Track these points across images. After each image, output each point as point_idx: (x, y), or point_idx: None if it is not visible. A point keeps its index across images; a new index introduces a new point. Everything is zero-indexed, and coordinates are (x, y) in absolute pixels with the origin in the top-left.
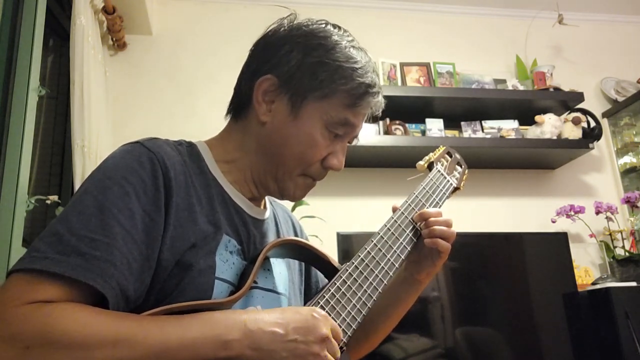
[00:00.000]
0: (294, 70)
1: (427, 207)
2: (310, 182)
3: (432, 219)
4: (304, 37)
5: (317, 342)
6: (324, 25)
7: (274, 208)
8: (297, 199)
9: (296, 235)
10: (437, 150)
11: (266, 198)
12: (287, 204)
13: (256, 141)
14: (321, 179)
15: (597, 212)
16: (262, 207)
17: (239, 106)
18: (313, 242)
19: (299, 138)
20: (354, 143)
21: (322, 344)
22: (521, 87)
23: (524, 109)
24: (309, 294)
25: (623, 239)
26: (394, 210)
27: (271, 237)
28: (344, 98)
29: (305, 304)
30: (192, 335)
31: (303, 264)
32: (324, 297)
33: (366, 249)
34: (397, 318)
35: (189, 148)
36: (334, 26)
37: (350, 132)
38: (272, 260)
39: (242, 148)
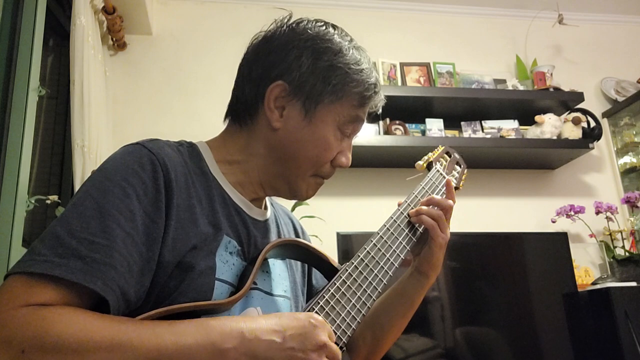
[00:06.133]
0: (306, 76)
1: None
2: (321, 181)
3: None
4: (312, 41)
5: (314, 349)
6: (325, 27)
7: (274, 209)
8: (308, 198)
9: (297, 235)
10: (436, 150)
11: (266, 199)
12: (287, 204)
13: (266, 146)
14: (329, 177)
15: (597, 212)
16: (262, 208)
17: (244, 112)
18: (313, 243)
19: (314, 142)
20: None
21: (320, 352)
22: (521, 87)
23: (524, 109)
24: (310, 294)
25: (623, 239)
26: (400, 205)
27: (272, 238)
28: (354, 99)
29: (306, 304)
30: (188, 342)
31: (305, 264)
32: (324, 297)
33: (365, 249)
34: (405, 317)
35: (190, 148)
36: (333, 27)
37: (357, 130)
38: (273, 261)
39: (246, 150)
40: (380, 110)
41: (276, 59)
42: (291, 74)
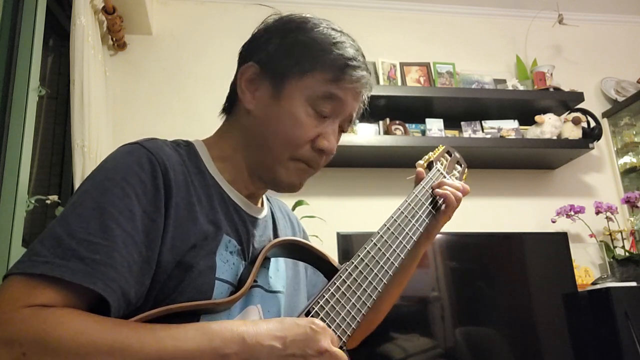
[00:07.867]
0: (272, 54)
1: (427, 206)
2: (304, 167)
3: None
4: (282, 24)
5: (316, 355)
6: (305, 14)
7: (271, 205)
8: (294, 188)
9: (294, 231)
10: (436, 149)
11: (263, 196)
12: (287, 204)
13: (245, 132)
14: (317, 166)
15: (597, 212)
16: (259, 204)
17: (229, 103)
18: (313, 242)
19: (282, 118)
20: (348, 131)
21: (321, 357)
22: (521, 87)
23: (524, 109)
24: (310, 293)
25: (623, 239)
26: (419, 179)
27: (269, 235)
28: (325, 73)
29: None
30: (189, 347)
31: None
32: (324, 296)
33: (366, 248)
34: (397, 288)
35: (187, 148)
36: (319, 19)
37: (338, 110)
38: (273, 259)
39: (235, 144)
40: (379, 107)
41: (251, 46)
42: (260, 54)
